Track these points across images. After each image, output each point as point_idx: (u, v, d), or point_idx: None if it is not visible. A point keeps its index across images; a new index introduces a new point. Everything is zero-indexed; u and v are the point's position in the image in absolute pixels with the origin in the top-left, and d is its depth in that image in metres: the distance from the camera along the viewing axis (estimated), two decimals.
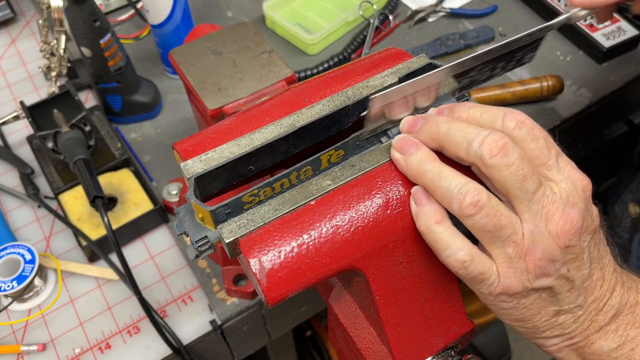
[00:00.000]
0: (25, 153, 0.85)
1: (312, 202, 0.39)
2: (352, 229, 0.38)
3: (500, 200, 0.38)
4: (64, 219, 0.75)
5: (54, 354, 0.68)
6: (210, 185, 0.39)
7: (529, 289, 0.39)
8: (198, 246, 0.39)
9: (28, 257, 0.70)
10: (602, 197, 1.03)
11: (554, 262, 0.38)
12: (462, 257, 0.38)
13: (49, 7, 0.86)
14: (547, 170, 0.38)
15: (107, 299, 0.72)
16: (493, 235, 0.37)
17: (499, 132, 0.37)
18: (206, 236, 0.39)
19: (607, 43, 0.91)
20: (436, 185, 0.38)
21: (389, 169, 0.41)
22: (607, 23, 0.94)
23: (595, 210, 0.41)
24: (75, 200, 0.77)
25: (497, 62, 0.43)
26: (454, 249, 0.38)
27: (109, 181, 0.79)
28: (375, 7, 0.97)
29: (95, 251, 0.72)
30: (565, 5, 0.51)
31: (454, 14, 1.00)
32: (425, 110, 0.43)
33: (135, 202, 0.77)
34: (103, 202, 0.64)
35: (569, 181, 0.38)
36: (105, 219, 0.62)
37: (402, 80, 0.43)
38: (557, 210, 0.37)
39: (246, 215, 0.38)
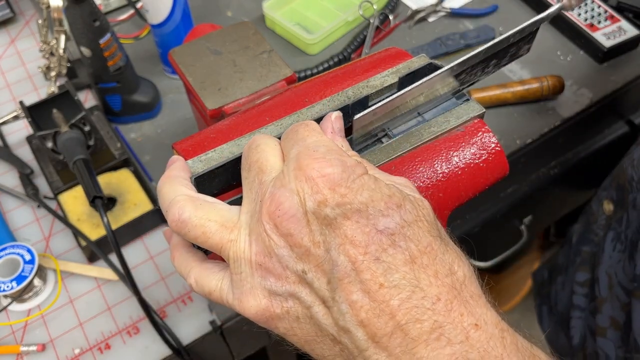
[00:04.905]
0: (25, 153, 0.85)
1: None
2: None
3: None
4: (64, 219, 0.75)
5: (54, 355, 0.68)
6: (211, 185, 0.39)
7: None
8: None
9: (27, 257, 0.70)
10: None
11: None
12: None
13: (48, 6, 0.86)
14: None
15: (107, 299, 0.72)
16: None
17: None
18: None
19: (607, 43, 0.91)
20: None
21: (390, 169, 0.40)
22: (607, 22, 0.93)
23: None
24: (74, 201, 0.77)
25: (489, 61, 0.42)
26: None
27: (108, 181, 0.79)
28: (375, 7, 0.97)
29: (94, 251, 0.72)
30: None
31: (454, 14, 1.00)
32: (425, 109, 0.43)
33: (134, 202, 0.77)
34: (102, 202, 0.64)
35: None
36: (105, 219, 0.62)
37: (402, 80, 0.43)
38: None
39: None
